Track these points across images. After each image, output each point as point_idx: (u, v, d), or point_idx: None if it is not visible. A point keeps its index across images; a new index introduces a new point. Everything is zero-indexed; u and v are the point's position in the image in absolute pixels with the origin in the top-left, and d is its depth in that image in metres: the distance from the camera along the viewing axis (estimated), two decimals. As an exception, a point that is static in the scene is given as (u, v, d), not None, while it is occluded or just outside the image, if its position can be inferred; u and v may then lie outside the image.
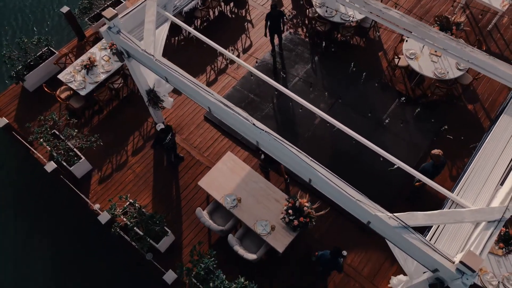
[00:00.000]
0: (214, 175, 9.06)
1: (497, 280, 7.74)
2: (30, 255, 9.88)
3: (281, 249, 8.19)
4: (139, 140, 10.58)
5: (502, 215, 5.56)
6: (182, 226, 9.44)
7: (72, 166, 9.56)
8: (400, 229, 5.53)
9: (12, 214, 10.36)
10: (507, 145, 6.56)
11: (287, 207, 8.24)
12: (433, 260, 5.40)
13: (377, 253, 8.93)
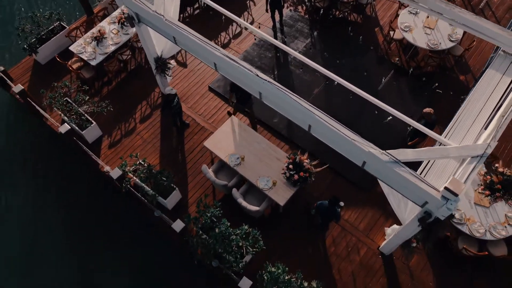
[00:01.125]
0: (218, 136, 9.58)
1: (484, 229, 8.27)
2: (41, 218, 10.38)
3: (282, 202, 8.71)
4: (146, 109, 11.10)
5: (484, 151, 6.09)
6: (188, 186, 9.96)
7: (84, 130, 10.07)
8: (392, 163, 6.04)
9: (25, 177, 10.88)
10: (491, 95, 7.08)
11: (287, 163, 8.76)
12: (421, 190, 5.91)
13: (373, 210, 9.45)
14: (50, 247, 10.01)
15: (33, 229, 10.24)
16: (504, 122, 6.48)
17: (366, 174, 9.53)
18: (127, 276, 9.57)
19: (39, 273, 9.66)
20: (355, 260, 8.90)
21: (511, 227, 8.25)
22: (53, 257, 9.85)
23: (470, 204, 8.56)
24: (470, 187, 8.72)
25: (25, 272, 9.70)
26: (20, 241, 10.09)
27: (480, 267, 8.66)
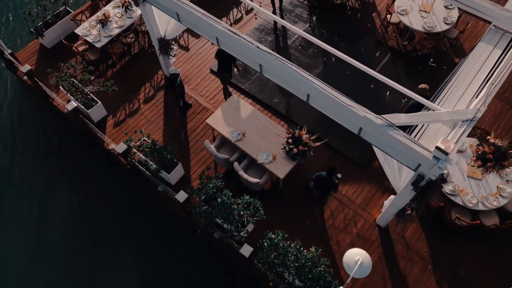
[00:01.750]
0: (220, 114, 9.89)
1: (477, 200, 8.57)
2: (48, 193, 10.69)
3: (282, 175, 9.02)
4: (150, 90, 11.41)
5: (474, 115, 6.39)
6: (190, 163, 10.26)
7: (90, 109, 10.37)
8: (386, 127, 6.34)
9: (31, 156, 11.19)
10: (482, 67, 7.39)
11: (287, 138, 9.07)
12: (414, 152, 6.22)
13: (369, 185, 9.75)
14: (56, 222, 10.32)
15: (40, 205, 10.55)
16: (493, 90, 6.78)
17: (363, 151, 9.94)
18: (132, 253, 9.84)
19: (45, 247, 9.97)
20: (352, 232, 9.21)
21: (502, 198, 8.56)
22: (58, 232, 10.16)
23: (463, 176, 8.86)
24: (463, 160, 9.03)
25: (31, 240, 10.02)
26: (27, 214, 10.39)
27: (472, 237, 8.97)
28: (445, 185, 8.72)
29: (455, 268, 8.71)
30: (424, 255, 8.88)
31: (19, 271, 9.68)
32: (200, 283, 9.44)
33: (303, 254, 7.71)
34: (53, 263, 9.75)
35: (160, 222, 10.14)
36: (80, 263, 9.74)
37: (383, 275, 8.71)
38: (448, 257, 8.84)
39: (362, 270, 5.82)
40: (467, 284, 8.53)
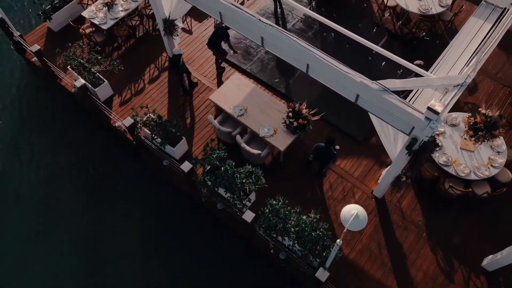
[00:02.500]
0: (223, 91, 10.26)
1: (469, 170, 8.95)
2: (56, 169, 11.05)
3: (283, 148, 9.39)
4: (154, 71, 11.78)
5: (464, 80, 6.77)
6: (194, 140, 10.63)
7: (97, 88, 10.74)
8: (381, 92, 6.72)
9: (38, 136, 11.54)
10: (472, 40, 7.77)
11: (287, 112, 9.44)
12: (407, 115, 6.59)
13: (367, 160, 10.12)
14: (63, 197, 10.68)
15: (48, 183, 10.91)
16: (483, 57, 7.15)
17: (360, 127, 10.33)
18: (137, 229, 10.19)
19: (52, 222, 10.35)
20: (350, 202, 9.54)
21: (493, 168, 8.93)
22: (67, 208, 10.53)
23: (457, 148, 9.24)
24: (456, 134, 9.41)
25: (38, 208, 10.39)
26: (34, 192, 10.76)
27: (466, 207, 9.34)
28: (439, 156, 9.10)
29: (449, 236, 9.08)
30: (419, 224, 9.25)
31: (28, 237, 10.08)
32: (204, 255, 9.77)
33: (303, 219, 8.09)
34: (61, 237, 10.10)
35: (164, 198, 10.50)
36: (87, 240, 10.09)
37: (380, 243, 9.08)
38: (442, 226, 9.21)
39: (357, 222, 6.19)
40: (460, 251, 8.90)
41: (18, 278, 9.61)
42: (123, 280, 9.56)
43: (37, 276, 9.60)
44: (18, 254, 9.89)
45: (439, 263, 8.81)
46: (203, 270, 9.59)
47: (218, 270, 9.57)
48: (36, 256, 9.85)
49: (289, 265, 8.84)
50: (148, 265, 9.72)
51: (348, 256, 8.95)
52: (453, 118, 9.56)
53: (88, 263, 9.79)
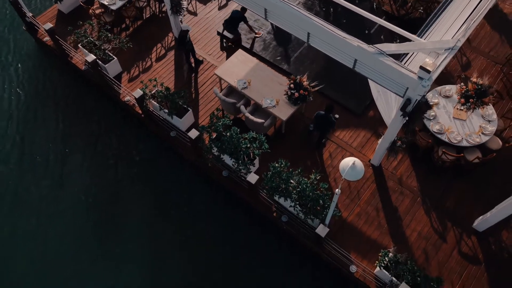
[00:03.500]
0: (227, 65, 10.76)
1: (461, 137, 9.46)
2: (68, 145, 11.55)
3: (285, 117, 9.89)
4: (161, 50, 12.29)
5: (455, 44, 7.27)
6: (199, 113, 11.13)
7: (107, 64, 11.24)
8: (378, 55, 7.21)
9: (51, 110, 12.05)
10: (466, 7, 8.26)
11: (289, 84, 9.94)
12: (401, 75, 7.08)
13: (364, 131, 10.62)
14: (74, 172, 11.18)
15: (58, 156, 11.41)
16: (473, 24, 7.65)
17: (359, 101, 10.84)
18: (144, 202, 10.67)
19: (62, 193, 10.85)
20: (349, 170, 10.07)
21: (484, 136, 9.44)
22: (76, 180, 11.03)
23: (450, 118, 9.75)
24: (449, 104, 9.91)
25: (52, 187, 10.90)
26: (46, 168, 11.26)
27: (458, 174, 9.84)
28: (433, 125, 9.60)
29: (442, 200, 9.59)
30: (414, 189, 9.75)
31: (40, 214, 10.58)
32: (208, 224, 10.25)
33: (304, 180, 8.59)
34: (70, 209, 10.60)
35: (171, 169, 11.01)
36: (94, 210, 10.59)
37: (376, 207, 9.58)
38: (436, 191, 9.71)
39: (355, 172, 6.68)
40: (452, 214, 9.41)
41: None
42: (129, 238, 10.06)
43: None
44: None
45: (432, 224, 9.31)
46: (206, 237, 10.08)
47: (222, 237, 10.05)
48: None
49: (291, 227, 9.33)
50: (155, 231, 10.21)
51: (347, 219, 9.44)
52: (446, 90, 10.07)
53: (95, 231, 10.30)
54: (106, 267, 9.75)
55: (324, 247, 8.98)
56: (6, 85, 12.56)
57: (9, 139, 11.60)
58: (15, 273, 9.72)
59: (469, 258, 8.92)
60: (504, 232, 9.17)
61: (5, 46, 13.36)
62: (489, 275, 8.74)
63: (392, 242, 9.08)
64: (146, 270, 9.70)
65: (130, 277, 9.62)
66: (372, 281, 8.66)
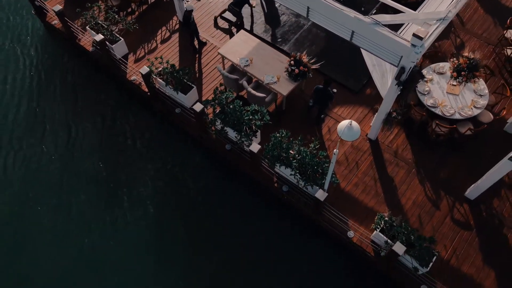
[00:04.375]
0: (230, 45, 11.20)
1: (454, 110, 9.89)
2: (75, 123, 11.99)
3: (285, 92, 10.33)
4: (166, 33, 12.73)
5: (446, 14, 7.71)
6: (202, 91, 11.57)
7: (114, 44, 11.68)
8: (374, 25, 7.65)
9: (58, 95, 12.49)
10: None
11: (289, 61, 10.38)
12: (396, 43, 7.52)
13: (362, 107, 11.06)
14: (84, 148, 11.62)
15: (68, 132, 11.85)
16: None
17: (356, 79, 11.27)
18: (150, 175, 11.14)
19: (73, 169, 11.29)
20: (347, 143, 10.50)
21: (476, 109, 9.87)
22: (86, 157, 11.48)
23: (443, 93, 10.18)
24: (443, 80, 10.35)
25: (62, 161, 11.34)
26: (55, 148, 11.70)
27: (451, 148, 10.27)
28: (427, 99, 10.04)
29: (436, 171, 10.02)
30: (409, 161, 10.19)
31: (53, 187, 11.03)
32: (212, 197, 10.70)
33: (303, 149, 9.03)
34: (79, 180, 11.05)
35: (175, 144, 11.45)
36: (102, 181, 11.04)
37: (373, 177, 10.01)
38: (430, 163, 10.14)
39: (351, 132, 7.10)
40: (445, 184, 9.84)
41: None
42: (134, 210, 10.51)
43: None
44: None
45: (426, 193, 9.74)
46: (210, 211, 10.51)
47: (224, 209, 10.48)
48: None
49: (291, 196, 9.76)
50: (161, 208, 10.66)
51: (344, 189, 9.87)
52: (440, 67, 10.51)
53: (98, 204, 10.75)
54: (112, 222, 10.23)
55: (323, 214, 9.40)
56: (16, 68, 13.00)
57: (25, 116, 12.08)
58: (38, 241, 10.22)
59: (461, 224, 9.35)
60: (495, 200, 9.60)
61: (15, 30, 13.80)
62: (480, 239, 9.16)
63: (387, 209, 9.50)
64: (149, 235, 10.16)
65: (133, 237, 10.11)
66: (368, 245, 9.09)
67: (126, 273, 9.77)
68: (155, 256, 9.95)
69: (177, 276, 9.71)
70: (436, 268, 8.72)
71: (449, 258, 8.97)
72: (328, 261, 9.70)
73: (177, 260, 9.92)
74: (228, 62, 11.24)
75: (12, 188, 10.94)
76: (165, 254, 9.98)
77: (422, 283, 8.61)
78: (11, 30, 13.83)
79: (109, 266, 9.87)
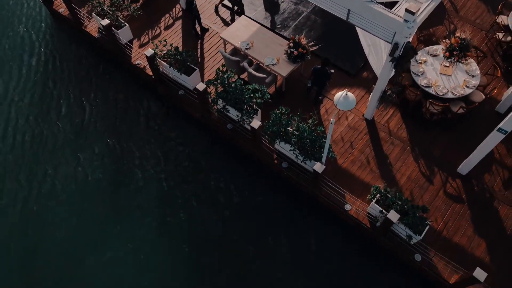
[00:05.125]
0: (232, 29, 11.62)
1: (447, 89, 10.29)
2: (81, 106, 12.40)
3: (285, 73, 10.73)
4: (169, 20, 13.15)
5: (437, -10, 8.14)
6: (205, 75, 11.97)
7: (119, 29, 12.10)
8: (368, 2, 8.06)
9: (66, 77, 12.92)
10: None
11: (289, 44, 10.79)
12: (390, 20, 7.93)
13: (358, 90, 11.46)
14: (93, 130, 12.03)
15: (80, 118, 12.27)
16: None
17: (353, 63, 11.66)
18: (154, 157, 11.56)
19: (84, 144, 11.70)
20: (344, 123, 10.90)
21: (468, 88, 10.28)
22: (96, 142, 11.89)
23: (437, 74, 10.58)
24: (436, 62, 10.75)
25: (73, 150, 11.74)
26: (73, 120, 12.12)
27: (445, 127, 10.67)
28: (421, 79, 10.44)
29: (430, 149, 10.41)
30: (404, 139, 10.58)
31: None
32: (211, 176, 11.09)
33: (302, 124, 9.43)
34: (87, 165, 11.46)
35: (178, 127, 11.87)
36: (113, 156, 11.45)
37: (369, 155, 10.40)
38: (424, 141, 10.54)
39: (347, 102, 7.52)
40: (439, 160, 10.23)
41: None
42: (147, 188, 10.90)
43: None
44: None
45: (420, 169, 10.13)
46: (210, 187, 10.91)
47: (225, 187, 10.88)
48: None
49: (291, 172, 10.15)
50: (163, 179, 11.05)
51: (341, 166, 10.26)
52: (434, 49, 10.92)
53: (110, 184, 11.14)
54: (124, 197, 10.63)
55: (321, 188, 9.79)
56: (24, 56, 13.43)
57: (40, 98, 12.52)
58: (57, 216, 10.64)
59: (453, 197, 9.74)
60: (486, 175, 9.99)
61: (22, 19, 14.24)
62: (472, 212, 9.55)
63: (383, 185, 9.88)
64: (154, 210, 10.57)
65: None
66: (365, 217, 9.47)
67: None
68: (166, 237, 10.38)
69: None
70: (429, 238, 9.09)
71: (442, 229, 9.35)
72: (326, 237, 10.07)
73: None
74: (230, 46, 11.66)
75: (28, 166, 11.36)
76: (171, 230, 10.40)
77: (416, 252, 9.00)
78: (24, 17, 14.28)
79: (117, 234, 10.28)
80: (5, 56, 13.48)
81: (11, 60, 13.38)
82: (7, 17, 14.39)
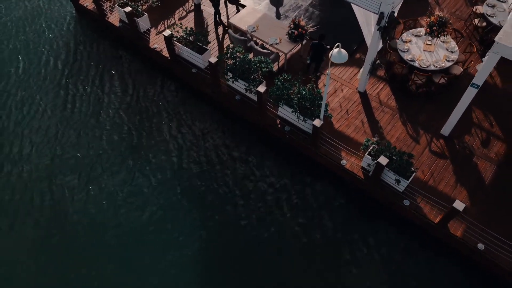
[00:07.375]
0: (240, 16, 13.17)
1: (429, 63, 11.71)
2: (99, 94, 13.77)
3: (286, 50, 12.18)
4: (183, 12, 14.74)
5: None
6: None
7: (139, 18, 13.64)
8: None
9: (85, 65, 14.35)
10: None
11: (290, 25, 12.30)
12: (375, -9, 9.42)
13: (352, 68, 12.86)
14: (108, 116, 13.35)
15: (93, 102, 13.62)
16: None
17: (348, 44, 13.10)
18: (165, 135, 12.83)
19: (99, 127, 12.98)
20: (340, 95, 12.25)
21: (448, 62, 11.68)
22: (103, 127, 13.19)
23: (420, 50, 12.01)
24: (420, 41, 12.20)
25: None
26: (90, 102, 13.45)
27: (429, 98, 12.00)
28: (406, 55, 11.85)
29: (416, 116, 11.70)
30: (393, 108, 11.89)
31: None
32: (220, 142, 12.34)
33: (303, 87, 10.78)
34: (105, 147, 12.71)
35: (193, 104, 13.21)
36: (125, 134, 12.72)
37: (362, 120, 11.67)
38: (411, 109, 11.85)
39: (340, 56, 8.87)
40: (424, 124, 11.50)
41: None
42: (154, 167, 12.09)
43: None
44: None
45: (408, 132, 11.39)
46: (220, 156, 12.13)
47: (234, 154, 12.10)
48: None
49: (293, 134, 11.39)
50: (173, 153, 12.28)
51: (338, 129, 11.52)
52: (417, 31, 12.40)
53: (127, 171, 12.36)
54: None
55: (319, 146, 11.01)
56: (50, 48, 14.94)
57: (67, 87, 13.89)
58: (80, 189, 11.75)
59: (437, 154, 10.95)
60: (466, 136, 11.24)
61: (48, 14, 15.85)
62: (454, 166, 10.74)
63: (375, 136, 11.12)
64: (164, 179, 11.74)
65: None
66: (359, 169, 10.65)
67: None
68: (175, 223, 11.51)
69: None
70: (415, 186, 10.24)
71: (428, 179, 10.52)
72: (325, 192, 11.22)
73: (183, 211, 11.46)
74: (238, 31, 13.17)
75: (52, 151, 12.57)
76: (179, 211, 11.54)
77: (405, 198, 10.13)
78: (47, 13, 15.88)
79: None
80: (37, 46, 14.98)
81: (41, 46, 14.87)
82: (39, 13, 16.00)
